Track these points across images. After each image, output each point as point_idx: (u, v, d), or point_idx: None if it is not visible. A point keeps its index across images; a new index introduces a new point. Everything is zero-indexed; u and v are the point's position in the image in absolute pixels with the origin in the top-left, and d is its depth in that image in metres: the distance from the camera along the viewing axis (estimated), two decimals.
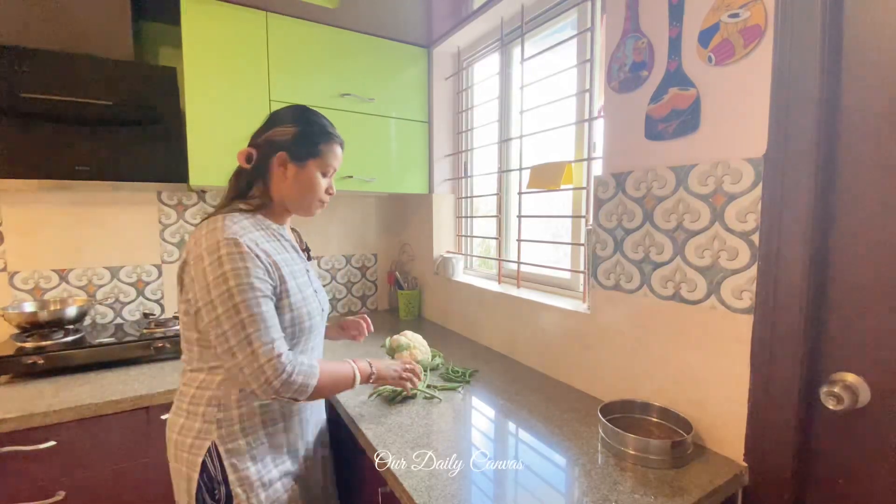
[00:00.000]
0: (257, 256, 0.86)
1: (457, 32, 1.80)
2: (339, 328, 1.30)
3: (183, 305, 0.91)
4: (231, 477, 0.90)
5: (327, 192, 1.02)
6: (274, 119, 0.99)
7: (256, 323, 0.83)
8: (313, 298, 0.99)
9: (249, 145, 0.98)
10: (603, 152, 1.19)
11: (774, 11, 0.83)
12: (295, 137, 0.96)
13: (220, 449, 0.90)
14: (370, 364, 1.06)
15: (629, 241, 1.11)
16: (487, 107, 1.87)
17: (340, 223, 2.24)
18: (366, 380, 1.04)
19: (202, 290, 0.84)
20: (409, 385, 1.13)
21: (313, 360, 0.92)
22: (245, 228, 0.88)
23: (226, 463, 0.90)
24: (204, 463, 0.90)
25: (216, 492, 0.90)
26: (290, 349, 0.92)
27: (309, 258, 1.09)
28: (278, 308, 0.90)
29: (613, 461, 0.92)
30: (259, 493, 0.92)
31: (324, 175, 1.00)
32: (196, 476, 0.90)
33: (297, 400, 0.88)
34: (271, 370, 0.82)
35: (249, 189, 0.98)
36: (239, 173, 0.98)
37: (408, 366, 1.15)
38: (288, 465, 0.98)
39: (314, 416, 1.07)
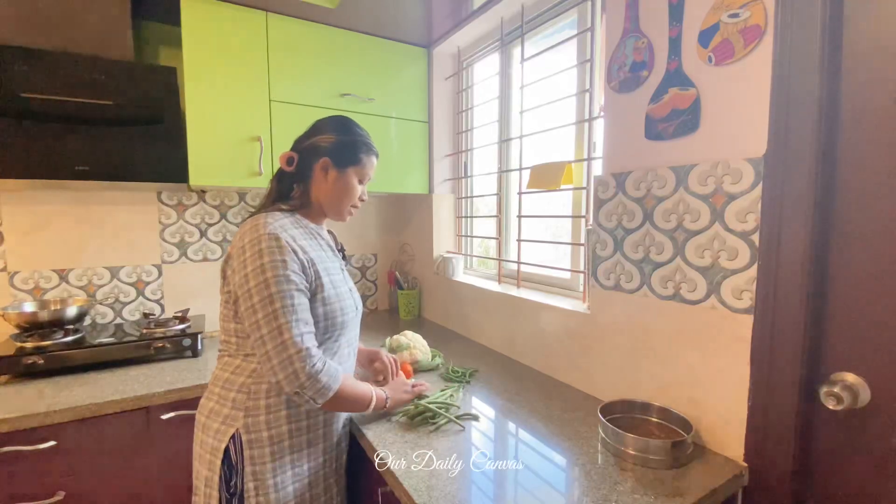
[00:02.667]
0: (294, 252, 0.90)
1: (457, 32, 1.80)
2: (368, 360, 1.27)
3: (224, 296, 0.96)
4: (247, 469, 0.90)
5: (360, 198, 1.08)
6: (318, 127, 1.05)
7: (288, 314, 0.86)
8: (348, 296, 1.03)
9: (292, 149, 1.04)
10: (603, 152, 1.19)
11: (774, 11, 0.83)
12: (338, 145, 1.02)
13: (244, 438, 0.91)
14: (385, 393, 1.07)
15: (629, 241, 1.11)
16: (487, 107, 1.87)
17: (340, 223, 2.24)
18: (380, 407, 1.05)
19: (241, 280, 0.88)
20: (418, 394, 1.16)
21: (339, 368, 0.93)
22: (284, 226, 0.93)
23: (245, 454, 0.90)
24: (227, 450, 0.91)
25: (233, 482, 0.90)
26: (320, 344, 0.95)
27: (344, 257, 1.13)
28: (312, 302, 0.93)
29: (613, 461, 0.92)
30: (270, 493, 0.91)
31: (360, 182, 1.07)
32: (218, 463, 0.91)
33: (314, 401, 0.88)
34: (299, 362, 0.85)
35: (290, 191, 1.04)
36: (281, 175, 1.04)
37: (416, 388, 1.17)
38: (305, 469, 0.97)
39: (338, 422, 1.05)
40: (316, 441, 0.99)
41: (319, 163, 1.01)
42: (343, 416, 1.08)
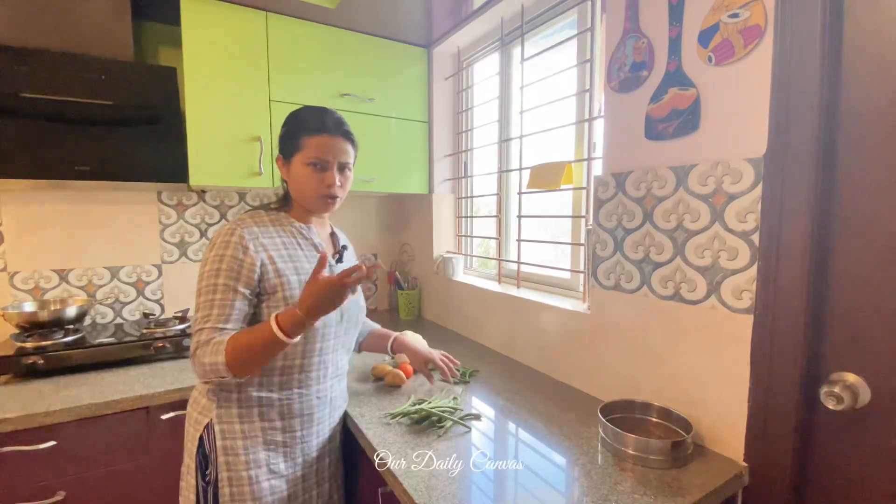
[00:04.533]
0: (245, 248, 0.90)
1: (457, 32, 1.80)
2: (424, 363, 1.23)
3: None
4: (220, 459, 0.90)
5: (327, 184, 0.95)
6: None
7: (206, 308, 0.88)
8: None
9: None
10: (603, 152, 1.19)
11: (774, 11, 0.83)
12: (281, 139, 1.01)
13: (216, 428, 0.91)
14: (297, 307, 0.83)
15: (629, 241, 1.11)
16: (487, 107, 1.87)
17: (340, 223, 2.23)
18: (297, 327, 0.82)
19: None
20: (353, 283, 0.82)
21: (227, 336, 0.84)
22: (257, 223, 0.95)
23: (218, 444, 0.91)
24: (201, 439, 0.92)
25: (207, 472, 0.91)
26: None
27: (340, 260, 1.09)
28: (272, 301, 0.92)
29: (613, 461, 0.92)
30: (244, 486, 0.91)
31: (314, 167, 0.95)
32: (194, 451, 0.92)
33: (224, 380, 0.86)
34: (190, 351, 0.87)
35: (286, 192, 1.05)
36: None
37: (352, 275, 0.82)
38: (282, 467, 0.96)
39: (321, 424, 1.03)
40: (293, 442, 0.98)
41: (277, 161, 1.03)
42: (328, 421, 1.05)
